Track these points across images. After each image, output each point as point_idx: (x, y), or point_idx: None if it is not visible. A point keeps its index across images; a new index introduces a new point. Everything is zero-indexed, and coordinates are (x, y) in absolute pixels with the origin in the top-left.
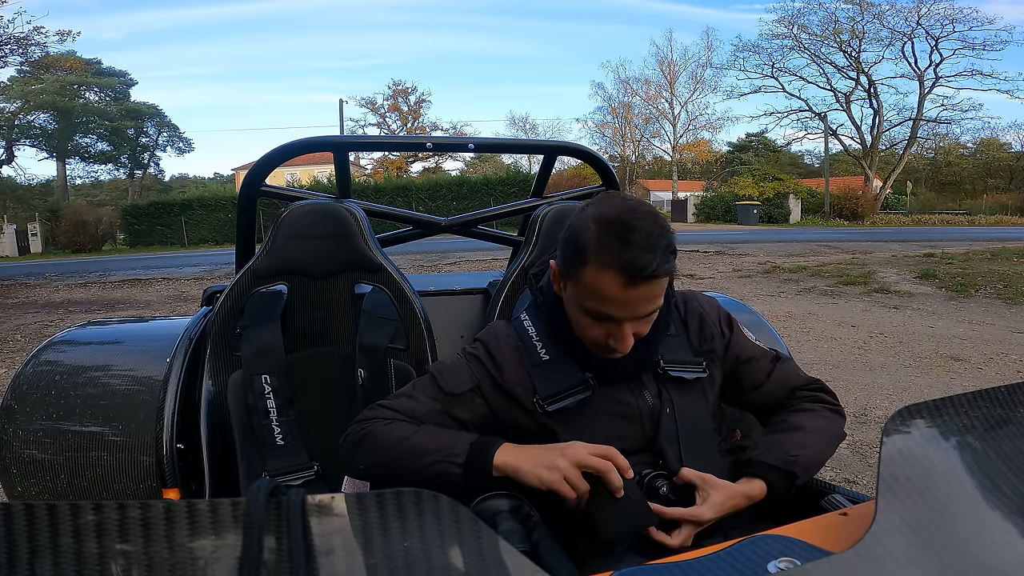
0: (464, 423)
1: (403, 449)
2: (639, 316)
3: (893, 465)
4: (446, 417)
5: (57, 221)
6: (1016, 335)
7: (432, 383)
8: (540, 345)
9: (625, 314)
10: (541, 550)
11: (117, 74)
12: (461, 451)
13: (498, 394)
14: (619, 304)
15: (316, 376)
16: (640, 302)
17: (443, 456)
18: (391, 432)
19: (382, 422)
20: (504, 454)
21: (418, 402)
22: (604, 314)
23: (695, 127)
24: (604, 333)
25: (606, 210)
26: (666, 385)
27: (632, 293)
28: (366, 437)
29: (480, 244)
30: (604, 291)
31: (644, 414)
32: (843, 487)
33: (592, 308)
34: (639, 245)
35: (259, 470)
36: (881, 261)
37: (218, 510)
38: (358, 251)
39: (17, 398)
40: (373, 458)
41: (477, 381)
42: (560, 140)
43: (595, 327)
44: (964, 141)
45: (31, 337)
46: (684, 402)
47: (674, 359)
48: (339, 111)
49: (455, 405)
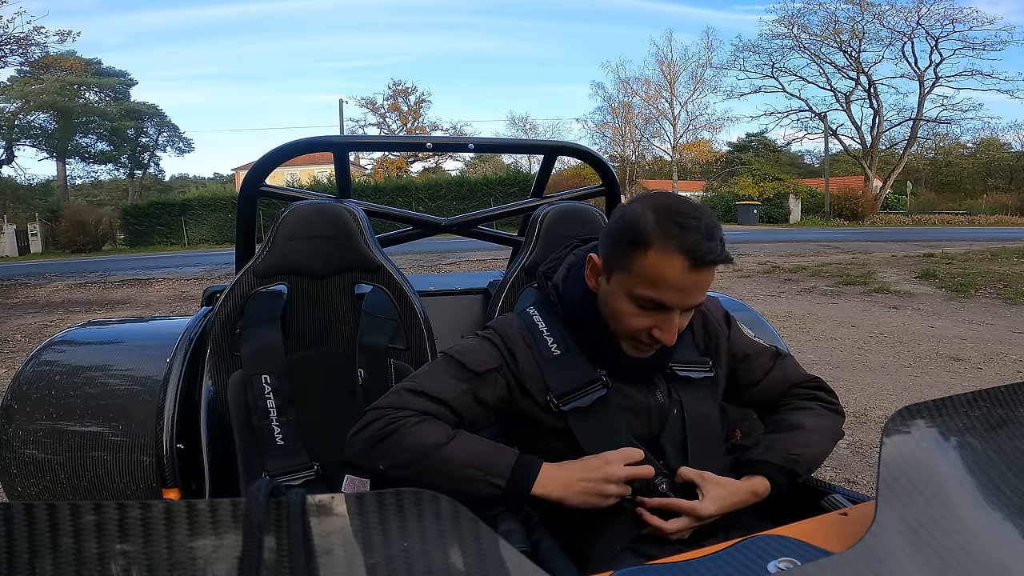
0: (487, 406)
1: (437, 458)
2: (691, 305)
3: (893, 465)
4: (472, 399)
5: (57, 221)
6: (1016, 335)
7: (455, 364)
8: (551, 340)
9: (680, 302)
10: (541, 550)
11: (117, 74)
12: (504, 472)
13: (514, 381)
14: (678, 290)
15: (316, 376)
16: (696, 290)
17: (485, 474)
18: (423, 434)
19: (412, 419)
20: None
21: (444, 382)
22: (658, 302)
23: (695, 127)
24: (650, 324)
25: (663, 200)
26: (675, 385)
27: (693, 279)
28: (392, 435)
29: (480, 244)
30: (667, 276)
31: (652, 411)
32: (843, 487)
33: (646, 295)
34: (702, 232)
35: (259, 470)
36: (881, 261)
37: (218, 510)
38: (358, 251)
39: (17, 398)
40: (398, 459)
41: (500, 362)
42: (560, 140)
43: (642, 318)
44: (964, 141)
45: (31, 337)
46: (692, 402)
47: (682, 358)
48: (339, 111)
49: (480, 386)
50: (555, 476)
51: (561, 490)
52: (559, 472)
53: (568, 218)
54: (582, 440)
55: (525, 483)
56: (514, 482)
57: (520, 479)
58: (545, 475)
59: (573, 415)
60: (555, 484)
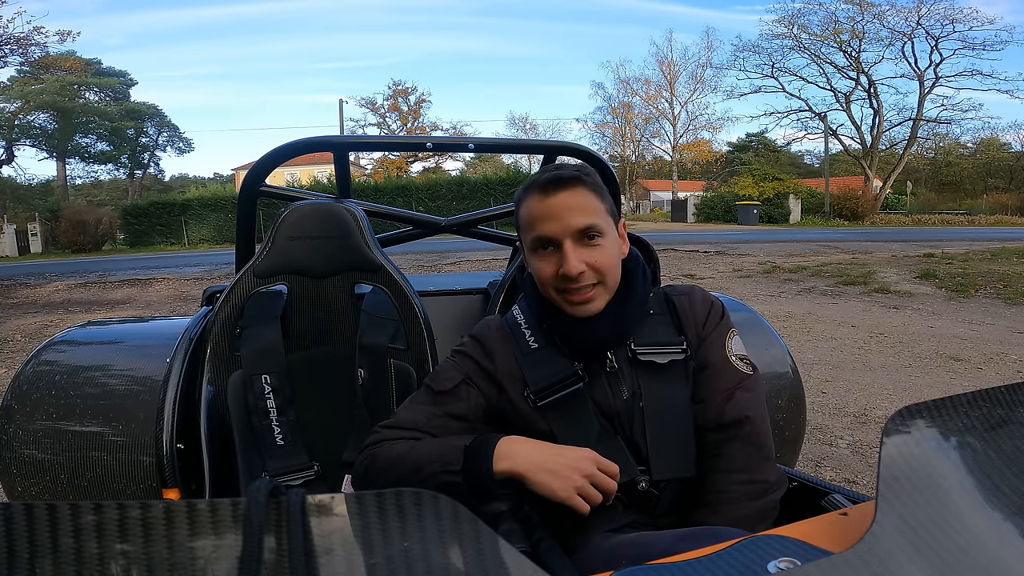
0: (464, 418)
1: (403, 467)
2: (572, 229)
3: (893, 465)
4: (446, 418)
5: (57, 221)
6: (1016, 335)
7: (425, 390)
8: (529, 334)
9: (556, 229)
10: (541, 550)
11: (117, 74)
12: (456, 457)
13: (490, 384)
14: (546, 218)
15: (316, 376)
16: (563, 212)
17: (440, 467)
18: (392, 451)
19: (384, 445)
20: (505, 456)
21: (415, 412)
22: (542, 238)
23: (695, 127)
24: (554, 267)
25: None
26: (640, 373)
27: (552, 203)
28: (371, 465)
29: (480, 244)
30: (531, 212)
31: (621, 412)
32: (843, 487)
33: (531, 239)
34: (550, 170)
35: (259, 470)
36: (881, 261)
37: (218, 510)
38: (358, 251)
39: (17, 398)
40: (381, 483)
41: (465, 373)
42: (560, 140)
43: (545, 264)
44: (964, 141)
45: (31, 337)
46: (657, 385)
47: (650, 340)
48: (339, 111)
49: (449, 402)
50: (516, 450)
51: (523, 468)
52: (522, 447)
53: None
54: (560, 436)
55: (483, 464)
56: (469, 464)
57: (475, 461)
58: (502, 451)
59: (550, 410)
60: (517, 458)
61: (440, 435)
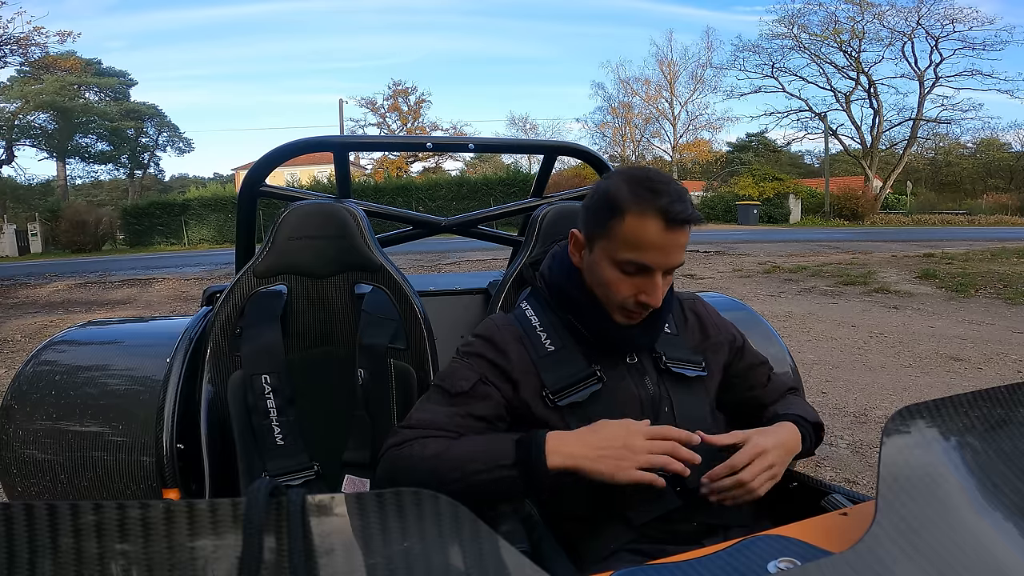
0: (485, 419)
1: (440, 464)
2: (671, 265)
3: (893, 465)
4: (469, 419)
5: (57, 221)
6: (1016, 335)
7: (438, 392)
8: (544, 335)
9: (660, 261)
10: (541, 550)
11: (117, 74)
12: (507, 452)
13: (506, 382)
14: (657, 249)
15: (316, 376)
16: (674, 249)
17: (490, 462)
18: (425, 450)
19: (414, 443)
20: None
21: (434, 413)
22: (640, 264)
23: (695, 127)
24: (635, 289)
25: (634, 171)
26: (667, 380)
27: (669, 237)
28: (397, 465)
29: (480, 244)
30: (645, 236)
31: (644, 401)
32: (843, 487)
33: (628, 259)
34: (672, 195)
35: (259, 470)
36: (881, 261)
37: (218, 510)
38: (358, 251)
39: (17, 398)
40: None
41: (480, 373)
42: (560, 140)
43: (626, 283)
44: (964, 141)
45: (31, 337)
46: (683, 398)
47: (675, 356)
48: (339, 111)
49: (468, 403)
50: (565, 442)
51: (576, 458)
52: (571, 439)
53: (568, 218)
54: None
55: (536, 457)
56: (521, 457)
57: (527, 453)
58: (552, 446)
59: (569, 410)
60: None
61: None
